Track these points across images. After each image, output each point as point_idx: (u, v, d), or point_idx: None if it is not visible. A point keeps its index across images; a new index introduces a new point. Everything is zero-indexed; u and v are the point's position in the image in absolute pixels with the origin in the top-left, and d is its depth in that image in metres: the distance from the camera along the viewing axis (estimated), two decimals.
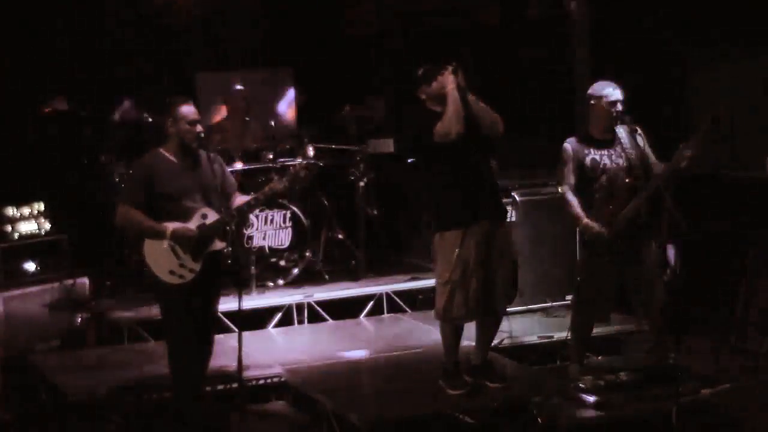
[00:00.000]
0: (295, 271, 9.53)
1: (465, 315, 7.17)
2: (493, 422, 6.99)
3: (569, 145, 7.49)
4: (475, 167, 7.14)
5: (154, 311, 7.05)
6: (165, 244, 6.70)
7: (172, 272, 6.72)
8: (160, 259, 6.73)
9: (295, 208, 9.53)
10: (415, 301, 9.44)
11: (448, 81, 7.09)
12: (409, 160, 8.20)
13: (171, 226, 6.70)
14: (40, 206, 9.10)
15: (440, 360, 7.40)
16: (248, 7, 11.14)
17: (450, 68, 7.11)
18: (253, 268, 9.27)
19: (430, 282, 8.83)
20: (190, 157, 6.84)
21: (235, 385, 7.33)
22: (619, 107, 7.39)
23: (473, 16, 11.07)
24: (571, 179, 7.45)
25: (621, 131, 7.45)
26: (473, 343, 7.48)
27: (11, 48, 10.04)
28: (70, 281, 8.93)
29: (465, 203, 7.09)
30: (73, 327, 8.76)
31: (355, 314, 9.31)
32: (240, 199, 7.02)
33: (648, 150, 7.43)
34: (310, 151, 9.58)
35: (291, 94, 10.99)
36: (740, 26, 9.05)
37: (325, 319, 9.18)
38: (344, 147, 10.04)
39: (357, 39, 11.43)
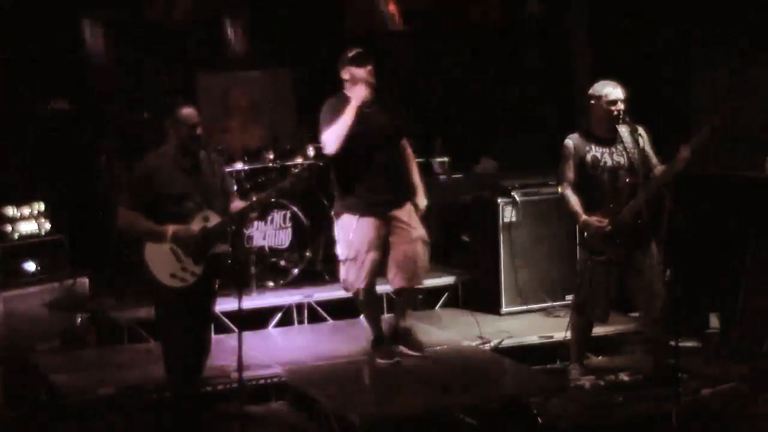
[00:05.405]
0: (295, 271, 9.53)
1: (361, 289, 7.81)
2: (493, 422, 6.99)
3: (570, 141, 7.50)
4: (377, 157, 7.59)
5: (154, 311, 7.05)
6: (166, 246, 6.69)
7: (173, 275, 6.70)
8: (162, 262, 6.71)
9: (295, 208, 9.53)
10: (415, 301, 9.43)
11: (360, 92, 7.52)
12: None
13: (171, 227, 6.68)
14: (40, 206, 9.08)
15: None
16: (248, 7, 11.12)
17: (370, 68, 7.58)
18: (253, 268, 9.26)
19: (429, 282, 8.84)
20: (189, 159, 6.81)
21: (235, 385, 7.33)
22: (620, 106, 7.38)
23: (473, 16, 11.06)
24: (571, 176, 7.45)
25: (622, 130, 7.45)
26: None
27: (12, 48, 10.03)
28: (70, 281, 8.92)
29: (361, 192, 7.61)
30: (73, 327, 8.76)
31: (355, 314, 9.29)
32: (239, 202, 7.01)
33: (649, 151, 7.44)
34: (311, 151, 9.58)
35: None
36: (741, 26, 9.05)
37: (325, 319, 9.18)
38: None
39: (357, 39, 11.41)
